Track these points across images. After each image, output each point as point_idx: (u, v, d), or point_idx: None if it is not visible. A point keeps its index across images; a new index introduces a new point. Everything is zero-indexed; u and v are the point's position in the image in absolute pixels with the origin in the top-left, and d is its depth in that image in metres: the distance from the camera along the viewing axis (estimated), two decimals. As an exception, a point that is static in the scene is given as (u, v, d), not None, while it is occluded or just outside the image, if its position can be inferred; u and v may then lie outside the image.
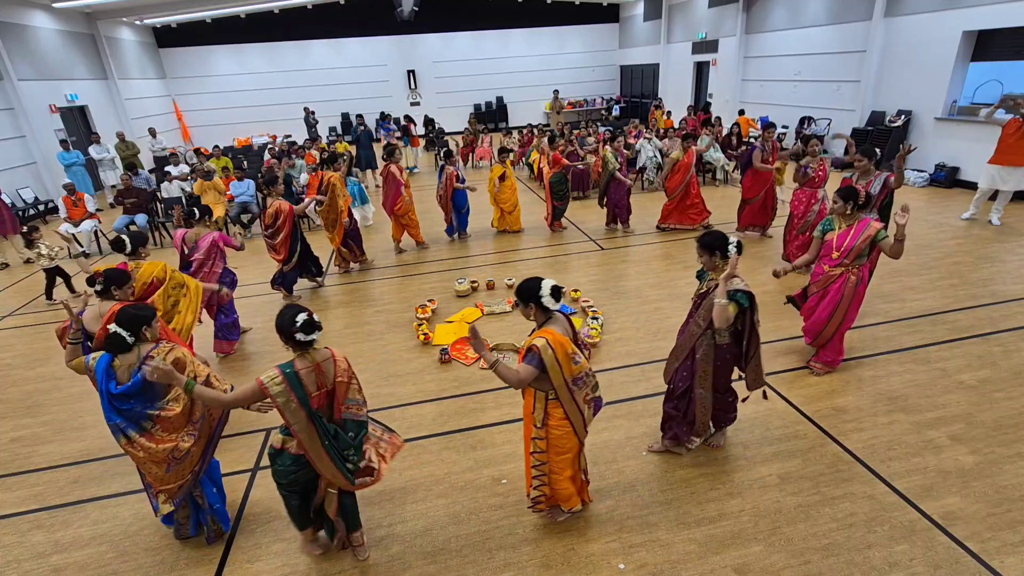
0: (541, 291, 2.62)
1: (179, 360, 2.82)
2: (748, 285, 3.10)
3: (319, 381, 2.61)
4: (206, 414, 2.93)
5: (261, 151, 14.82)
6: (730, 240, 3.09)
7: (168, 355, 2.79)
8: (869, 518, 3.09)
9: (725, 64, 15.81)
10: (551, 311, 2.70)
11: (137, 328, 2.78)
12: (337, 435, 2.68)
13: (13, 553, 3.25)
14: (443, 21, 20.43)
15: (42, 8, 12.74)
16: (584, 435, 2.92)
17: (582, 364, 2.71)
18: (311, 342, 2.61)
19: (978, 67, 9.60)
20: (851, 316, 4.30)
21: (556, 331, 2.67)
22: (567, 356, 2.64)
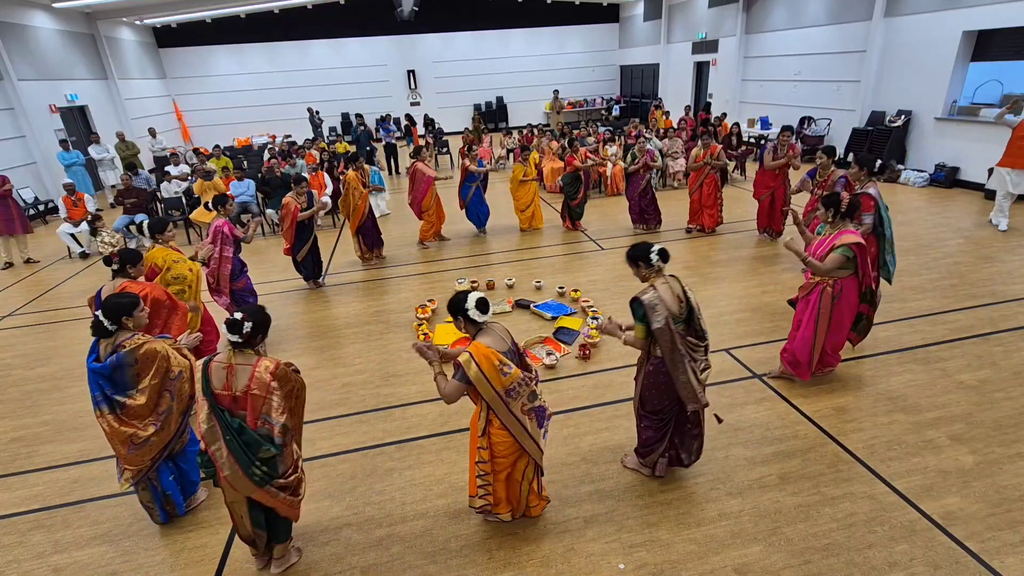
0: (467, 304, 2.64)
1: (148, 353, 2.94)
2: (654, 295, 2.94)
3: (226, 381, 2.61)
4: (173, 408, 3.05)
5: (261, 151, 14.83)
6: (652, 249, 3.03)
7: (141, 348, 2.92)
8: (869, 518, 3.09)
9: (725, 64, 15.81)
10: (479, 323, 2.70)
11: (115, 316, 2.92)
12: (243, 430, 2.60)
13: (13, 553, 3.25)
14: (443, 21, 20.43)
15: (42, 8, 12.74)
16: (532, 445, 2.81)
17: (512, 374, 2.64)
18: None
19: (978, 67, 9.60)
20: (831, 333, 4.02)
21: (484, 343, 2.66)
22: (494, 368, 2.61)
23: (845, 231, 3.90)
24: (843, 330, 4.11)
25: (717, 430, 3.87)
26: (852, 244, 3.79)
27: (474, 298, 2.65)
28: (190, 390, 3.10)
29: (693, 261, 7.12)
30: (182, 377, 3.07)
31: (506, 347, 2.74)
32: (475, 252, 8.07)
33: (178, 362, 3.07)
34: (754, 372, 4.56)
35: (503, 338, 2.77)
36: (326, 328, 5.90)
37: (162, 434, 3.07)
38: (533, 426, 2.78)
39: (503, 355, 2.67)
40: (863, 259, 3.87)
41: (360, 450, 3.94)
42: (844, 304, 3.97)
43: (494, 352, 2.64)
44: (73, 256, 9.06)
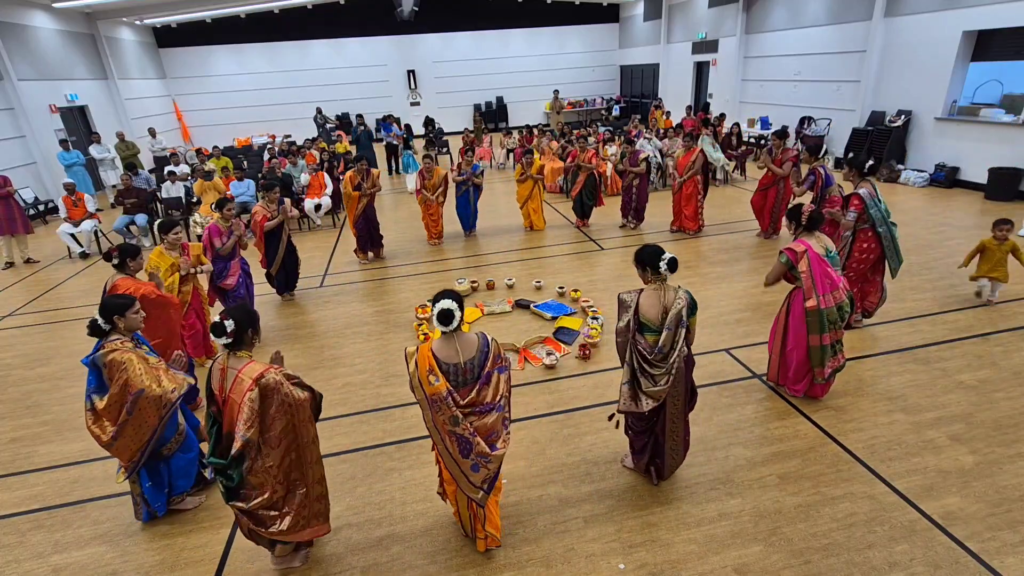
0: (433, 312, 2.61)
1: (113, 362, 2.96)
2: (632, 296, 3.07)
3: (220, 383, 2.63)
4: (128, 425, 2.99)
5: (261, 151, 14.84)
6: (662, 257, 3.03)
7: (109, 355, 2.97)
8: (869, 518, 3.09)
9: (725, 64, 15.81)
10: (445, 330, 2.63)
11: (107, 315, 3.00)
12: (220, 436, 2.65)
13: (13, 553, 3.25)
14: (443, 21, 20.44)
15: (42, 8, 12.74)
16: (456, 469, 2.69)
17: (436, 386, 2.57)
18: (223, 345, 2.62)
19: (978, 67, 9.60)
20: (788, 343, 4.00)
21: (433, 346, 2.66)
22: (424, 371, 2.61)
23: (797, 241, 3.84)
24: (798, 343, 3.93)
25: (717, 431, 3.87)
26: (785, 249, 3.81)
27: (438, 308, 2.57)
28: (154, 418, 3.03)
29: (693, 261, 7.12)
30: (143, 396, 2.95)
31: (456, 360, 2.63)
32: (475, 252, 8.08)
33: (140, 380, 2.97)
34: (754, 372, 4.56)
35: (459, 350, 2.64)
36: (326, 328, 5.90)
37: (120, 445, 3.03)
38: (455, 449, 2.66)
39: (441, 364, 2.61)
40: (796, 264, 3.75)
41: (360, 450, 3.94)
42: (795, 312, 3.88)
43: (430, 357, 2.62)
44: (73, 256, 9.06)
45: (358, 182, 7.46)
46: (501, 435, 2.73)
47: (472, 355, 2.67)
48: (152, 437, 3.08)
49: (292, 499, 2.73)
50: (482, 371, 2.68)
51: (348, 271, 7.60)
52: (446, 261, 7.77)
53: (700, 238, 7.98)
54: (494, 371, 2.70)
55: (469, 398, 2.64)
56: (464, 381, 2.67)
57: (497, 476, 2.82)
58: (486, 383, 2.68)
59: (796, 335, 3.94)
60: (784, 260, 3.81)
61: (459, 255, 7.98)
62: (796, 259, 3.78)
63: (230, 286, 5.49)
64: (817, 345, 3.84)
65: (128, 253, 4.07)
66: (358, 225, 7.60)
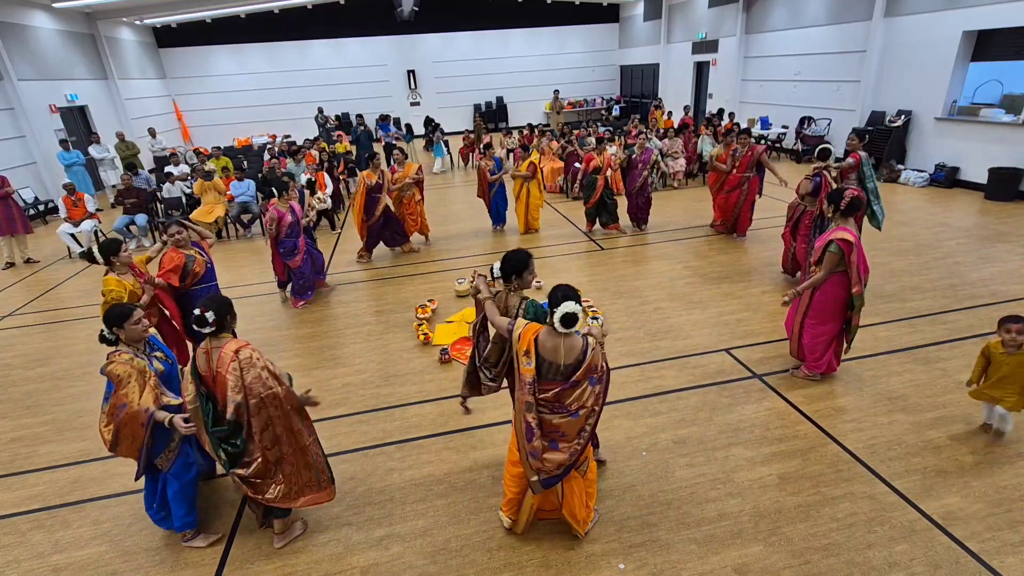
0: (555, 311, 2.56)
1: (111, 374, 2.93)
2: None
3: (207, 365, 2.83)
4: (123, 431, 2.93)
5: (261, 151, 14.83)
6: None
7: (108, 366, 2.94)
8: (869, 518, 3.09)
9: (725, 64, 15.81)
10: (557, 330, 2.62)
11: (108, 325, 3.00)
12: (213, 412, 2.85)
13: (13, 553, 3.25)
14: (443, 21, 20.43)
15: (42, 8, 12.74)
16: (522, 452, 2.73)
17: (526, 370, 2.63)
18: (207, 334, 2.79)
19: (978, 67, 9.60)
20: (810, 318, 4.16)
21: (539, 331, 2.68)
22: (522, 350, 2.66)
23: (840, 228, 3.98)
24: (826, 322, 4.12)
25: (717, 431, 3.87)
26: (839, 240, 3.89)
27: (562, 310, 2.51)
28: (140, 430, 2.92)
29: (693, 261, 7.12)
30: (125, 410, 2.88)
31: (555, 360, 2.62)
32: (475, 252, 8.08)
33: (126, 396, 2.88)
34: (754, 372, 4.56)
35: (561, 351, 2.61)
36: (326, 328, 5.90)
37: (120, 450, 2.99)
38: (521, 428, 2.71)
39: (540, 354, 2.64)
40: (848, 256, 3.89)
41: (360, 450, 3.94)
42: (828, 295, 4.03)
43: (532, 342, 2.64)
44: (73, 256, 9.05)
45: (376, 181, 7.39)
46: (571, 441, 2.70)
47: (571, 361, 2.63)
48: (143, 446, 2.98)
49: (283, 467, 2.94)
50: (571, 376, 2.64)
51: (348, 271, 7.60)
52: (446, 261, 7.77)
53: (700, 238, 7.97)
54: (584, 381, 2.64)
55: (547, 395, 2.65)
56: (555, 376, 2.69)
57: (560, 479, 2.80)
58: (571, 388, 2.64)
59: (824, 316, 4.10)
60: (836, 250, 3.90)
61: (459, 255, 7.98)
62: (849, 251, 3.88)
63: (297, 264, 6.13)
64: (857, 323, 4.10)
65: (110, 250, 4.11)
66: (373, 227, 7.57)
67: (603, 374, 2.70)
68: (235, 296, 6.91)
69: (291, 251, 6.13)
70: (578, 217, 9.46)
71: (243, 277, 7.62)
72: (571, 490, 2.91)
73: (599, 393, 2.69)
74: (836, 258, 3.91)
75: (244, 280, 7.48)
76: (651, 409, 4.15)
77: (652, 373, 4.63)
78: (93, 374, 5.26)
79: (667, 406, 4.18)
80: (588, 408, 2.67)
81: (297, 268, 6.20)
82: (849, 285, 3.98)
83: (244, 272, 7.84)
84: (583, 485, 2.94)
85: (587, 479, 2.96)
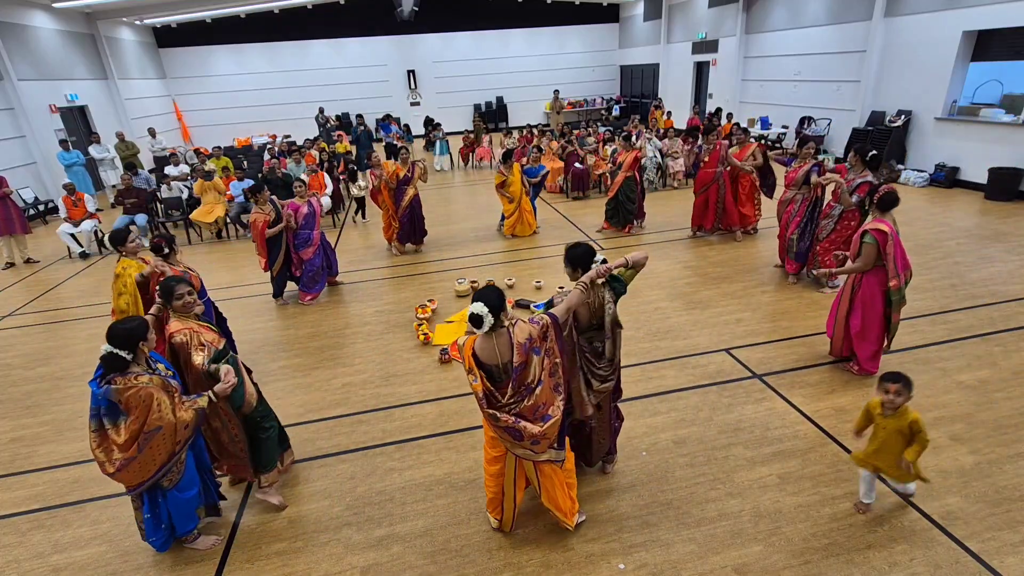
0: (471, 310, 2.58)
1: (132, 399, 2.67)
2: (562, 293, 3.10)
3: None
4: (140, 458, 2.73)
5: (261, 151, 14.84)
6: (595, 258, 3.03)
7: (126, 392, 2.66)
8: (869, 518, 3.09)
9: (725, 64, 15.81)
10: (474, 331, 2.66)
11: (132, 345, 2.70)
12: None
13: (13, 553, 3.25)
14: (443, 21, 20.43)
15: (42, 8, 12.74)
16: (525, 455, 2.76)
17: (475, 387, 2.65)
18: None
19: (978, 67, 9.60)
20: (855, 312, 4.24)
21: (476, 343, 2.69)
22: (466, 369, 2.70)
23: (877, 220, 4.06)
24: (871, 313, 4.15)
25: (717, 431, 3.87)
26: (873, 230, 3.94)
27: (469, 311, 2.57)
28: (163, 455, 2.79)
29: (693, 261, 7.12)
30: (160, 433, 2.73)
31: (496, 360, 2.65)
32: (475, 252, 8.07)
33: (161, 418, 2.73)
34: (754, 372, 4.56)
35: (497, 351, 2.64)
36: (326, 328, 5.90)
37: (121, 476, 2.77)
38: (507, 438, 2.72)
39: (481, 364, 2.67)
40: (884, 247, 3.95)
41: (360, 450, 3.94)
42: (869, 292, 4.09)
43: (470, 356, 2.67)
44: (73, 256, 9.06)
45: (405, 174, 7.51)
46: (553, 402, 2.72)
47: (509, 356, 2.66)
48: (157, 472, 2.83)
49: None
50: (514, 367, 2.65)
51: (348, 271, 7.59)
52: (446, 261, 7.76)
53: (699, 239, 7.97)
54: (529, 358, 2.66)
55: (509, 394, 2.67)
56: (507, 378, 2.69)
57: (564, 434, 2.84)
58: (523, 371, 2.66)
59: (870, 313, 4.13)
60: (872, 241, 3.93)
61: (459, 255, 7.98)
62: (884, 241, 3.91)
63: (308, 255, 6.28)
64: (896, 321, 4.11)
65: (117, 240, 4.28)
66: (403, 217, 7.72)
67: (540, 336, 2.70)
68: (235, 296, 6.98)
69: (305, 241, 6.29)
70: (578, 217, 9.47)
71: (242, 277, 7.62)
72: (550, 482, 2.93)
73: (548, 350, 2.72)
74: (873, 249, 3.94)
75: (244, 280, 7.49)
76: (651, 409, 4.15)
77: (652, 373, 4.63)
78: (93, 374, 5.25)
79: (667, 406, 4.18)
80: (547, 370, 2.71)
81: (308, 259, 6.33)
82: (886, 281, 4.01)
83: (244, 272, 7.83)
84: (562, 476, 2.96)
85: (565, 469, 2.96)
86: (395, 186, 7.59)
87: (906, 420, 2.81)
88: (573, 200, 10.75)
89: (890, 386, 2.78)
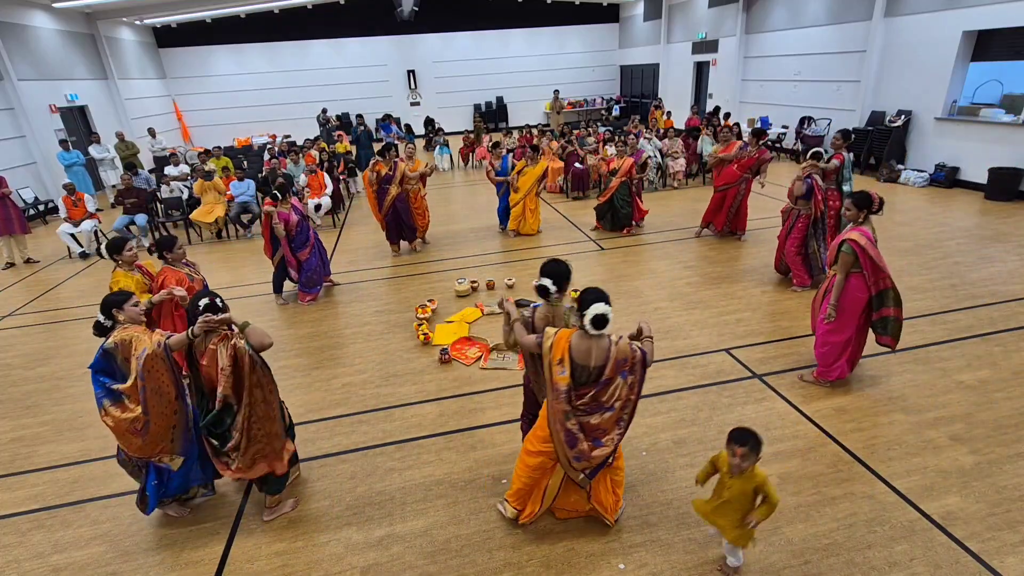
0: (585, 312, 2.60)
1: (123, 339, 2.96)
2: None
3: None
4: (147, 390, 2.94)
5: (261, 151, 14.84)
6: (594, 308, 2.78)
7: (118, 336, 2.98)
8: (869, 518, 3.09)
9: (725, 64, 15.81)
10: (588, 332, 2.65)
11: (107, 311, 3.04)
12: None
13: (13, 553, 3.25)
14: (443, 21, 20.43)
15: (42, 8, 12.74)
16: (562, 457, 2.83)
17: (561, 379, 2.66)
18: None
19: (978, 67, 9.60)
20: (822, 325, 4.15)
21: (572, 336, 2.70)
22: (555, 359, 2.68)
23: (853, 228, 3.98)
24: (840, 328, 4.07)
25: (717, 431, 3.87)
26: (850, 240, 3.89)
27: (593, 312, 2.55)
28: (167, 377, 3.01)
29: (693, 261, 7.12)
30: (147, 355, 2.92)
31: (588, 362, 2.66)
32: (475, 252, 8.07)
33: (142, 341, 2.97)
34: (754, 372, 4.56)
35: (592, 354, 2.65)
36: (326, 328, 5.90)
37: (153, 419, 2.97)
38: (561, 437, 2.75)
39: (573, 360, 2.67)
40: (863, 257, 3.87)
41: (360, 450, 3.94)
42: (845, 299, 4.00)
43: (566, 349, 2.67)
44: (73, 256, 9.06)
45: (385, 172, 7.46)
46: (611, 433, 2.76)
47: (601, 362, 2.66)
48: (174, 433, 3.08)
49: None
50: (600, 376, 2.67)
51: (348, 271, 7.60)
52: (446, 261, 7.77)
53: (699, 238, 7.97)
54: (616, 376, 2.67)
55: (584, 400, 2.68)
56: (589, 380, 2.71)
57: (599, 468, 2.87)
58: (605, 387, 2.68)
59: (839, 322, 4.05)
60: (848, 251, 3.90)
61: (459, 255, 7.98)
62: (861, 252, 3.87)
63: (306, 256, 6.35)
64: (889, 316, 4.04)
65: (113, 248, 4.22)
66: (387, 217, 7.72)
67: (634, 364, 2.69)
68: (235, 296, 6.98)
69: (303, 244, 6.34)
70: (578, 217, 9.48)
71: (242, 277, 7.62)
72: (597, 480, 2.96)
73: (632, 383, 2.71)
74: (850, 259, 3.90)
75: (244, 280, 7.49)
76: (651, 409, 4.15)
77: (652, 373, 4.62)
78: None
79: (667, 406, 4.18)
80: (624, 399, 2.71)
81: (306, 260, 6.37)
82: (865, 287, 3.96)
83: (244, 272, 7.84)
84: (608, 472, 2.99)
85: (614, 466, 3.00)
86: (377, 186, 7.53)
87: (752, 483, 2.54)
88: (573, 200, 10.75)
89: (737, 449, 2.48)
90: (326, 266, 6.86)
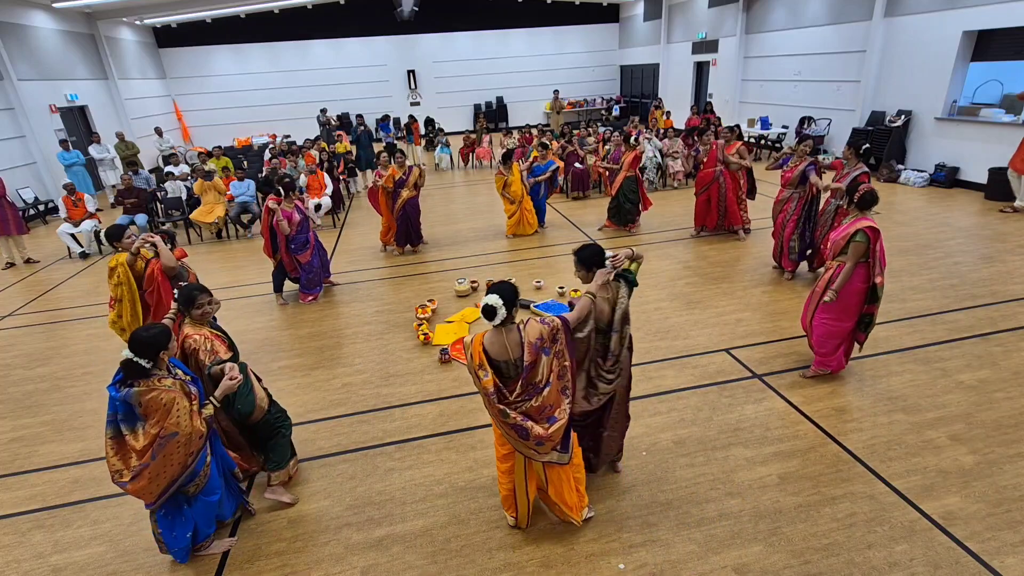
0: (487, 302, 2.61)
1: (153, 402, 2.63)
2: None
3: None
4: (150, 467, 2.66)
5: (261, 151, 14.84)
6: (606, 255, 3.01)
7: (148, 395, 2.63)
8: (869, 518, 3.09)
9: (725, 64, 15.80)
10: (492, 324, 2.65)
11: (153, 353, 2.66)
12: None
13: (13, 553, 3.25)
14: (443, 21, 20.43)
15: (42, 8, 12.74)
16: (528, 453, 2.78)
17: (485, 382, 2.64)
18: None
19: (978, 67, 9.59)
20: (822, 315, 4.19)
21: (485, 338, 2.70)
22: (476, 365, 2.67)
23: (861, 219, 4.02)
24: (841, 318, 4.11)
25: (717, 431, 3.87)
26: (866, 228, 3.92)
27: (484, 302, 2.61)
28: (178, 466, 2.75)
29: (693, 261, 7.12)
30: (175, 439, 2.68)
31: (506, 356, 2.67)
32: (475, 252, 8.07)
33: (178, 423, 2.68)
34: (754, 372, 4.56)
35: (507, 347, 2.66)
36: (326, 328, 5.90)
37: (138, 486, 2.69)
38: (513, 435, 2.73)
39: (491, 360, 2.67)
40: (874, 244, 3.92)
41: (360, 450, 3.94)
42: (847, 288, 4.03)
43: (480, 352, 2.67)
44: (73, 256, 9.06)
45: (400, 177, 7.51)
46: (561, 405, 2.74)
47: (519, 352, 2.67)
48: (171, 485, 2.79)
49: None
50: (523, 363, 2.67)
51: (348, 271, 7.60)
52: (446, 261, 7.77)
53: (699, 239, 7.97)
54: (538, 356, 2.67)
55: (516, 392, 2.67)
56: (516, 374, 2.70)
57: (569, 437, 2.84)
58: (531, 370, 2.67)
59: (841, 311, 4.09)
60: (863, 239, 3.92)
61: (459, 255, 7.98)
62: (876, 238, 3.91)
63: (307, 258, 6.37)
64: (875, 312, 4.12)
65: (113, 235, 4.31)
66: (398, 219, 7.76)
67: (554, 334, 2.69)
68: (234, 296, 6.98)
69: (303, 245, 6.34)
70: (578, 217, 9.47)
71: (242, 277, 7.62)
72: (557, 477, 2.93)
73: (558, 352, 2.71)
74: (863, 247, 3.93)
75: (243, 280, 7.49)
76: (651, 409, 4.15)
77: (652, 373, 4.63)
78: (93, 374, 5.26)
79: (667, 406, 4.18)
80: (558, 369, 2.71)
81: (307, 262, 6.39)
82: (868, 277, 4.00)
83: (243, 272, 7.84)
84: (570, 471, 2.96)
85: (573, 464, 2.96)
86: (392, 189, 7.58)
87: None
88: (573, 200, 10.76)
89: None
90: (326, 267, 6.87)
